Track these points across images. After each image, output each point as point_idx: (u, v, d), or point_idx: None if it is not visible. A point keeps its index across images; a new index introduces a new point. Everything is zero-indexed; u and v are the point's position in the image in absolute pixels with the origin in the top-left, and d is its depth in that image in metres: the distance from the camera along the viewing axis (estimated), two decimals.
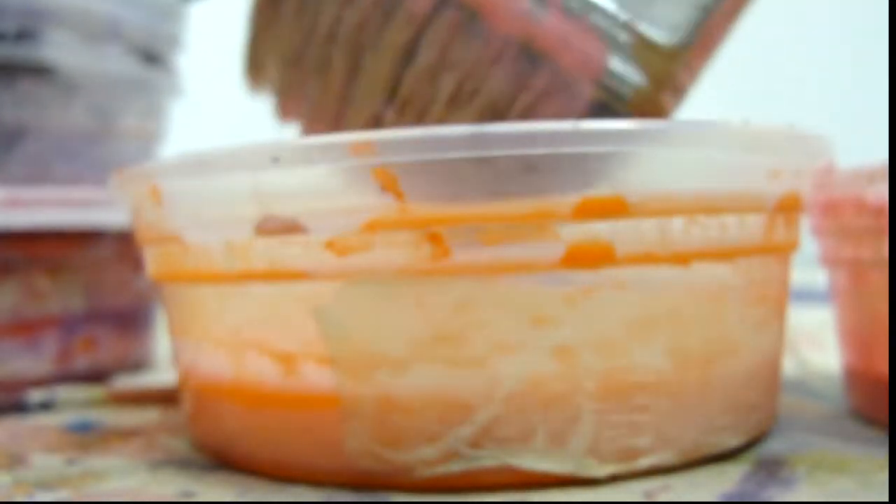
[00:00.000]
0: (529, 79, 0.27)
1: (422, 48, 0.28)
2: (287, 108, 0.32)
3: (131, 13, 0.40)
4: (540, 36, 0.26)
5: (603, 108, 0.27)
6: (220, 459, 0.26)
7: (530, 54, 0.27)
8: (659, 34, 0.27)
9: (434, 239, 0.22)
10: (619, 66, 0.26)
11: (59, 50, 0.37)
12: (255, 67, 0.32)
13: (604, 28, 0.26)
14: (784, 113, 0.32)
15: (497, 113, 0.28)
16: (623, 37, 0.26)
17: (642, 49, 0.26)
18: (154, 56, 0.42)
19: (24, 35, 0.37)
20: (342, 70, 0.29)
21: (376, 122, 0.29)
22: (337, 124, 0.30)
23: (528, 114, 0.27)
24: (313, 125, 0.31)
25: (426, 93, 0.28)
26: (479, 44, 0.27)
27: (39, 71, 0.37)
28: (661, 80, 0.27)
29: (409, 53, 0.28)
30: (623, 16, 0.26)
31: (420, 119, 0.28)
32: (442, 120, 0.28)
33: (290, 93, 0.31)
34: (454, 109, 0.28)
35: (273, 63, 0.31)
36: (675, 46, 0.27)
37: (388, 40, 0.28)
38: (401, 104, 0.28)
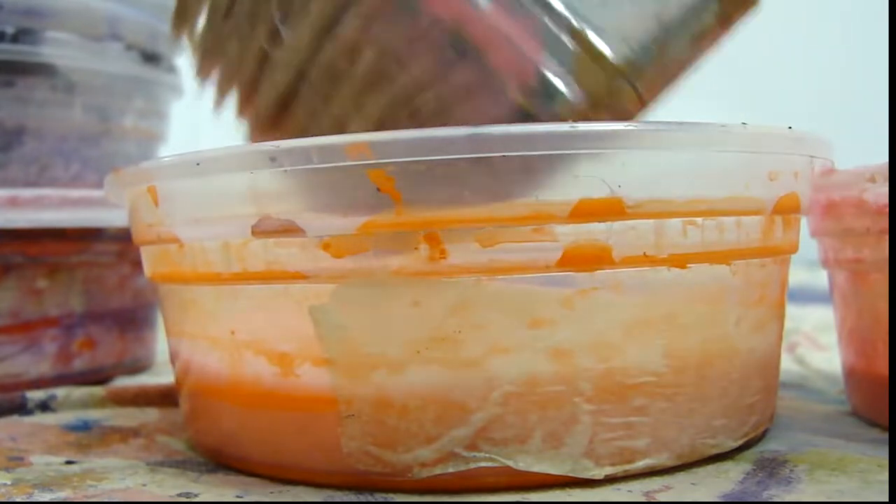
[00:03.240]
0: (452, 70, 0.24)
1: (347, 17, 0.25)
2: (206, 65, 0.29)
3: (131, 13, 0.40)
4: (472, 22, 0.23)
5: (526, 118, 0.24)
6: (218, 459, 0.26)
7: (458, 42, 0.24)
8: (607, 45, 0.23)
9: (431, 240, 0.22)
10: (553, 74, 0.23)
11: (59, 50, 0.38)
12: (184, 15, 0.29)
13: (546, 28, 0.23)
14: (783, 114, 0.32)
15: (409, 104, 0.25)
16: (566, 41, 0.23)
17: (585, 59, 0.23)
18: (154, 56, 0.42)
19: (24, 35, 0.37)
20: (265, 31, 0.27)
21: (288, 93, 0.27)
22: (250, 88, 0.28)
23: (442, 111, 0.24)
24: (225, 85, 0.29)
25: (343, 68, 0.25)
26: (406, 22, 0.24)
27: (39, 71, 0.37)
28: (599, 98, 0.24)
29: (334, 22, 0.25)
30: (571, 18, 0.23)
31: (328, 97, 0.26)
32: (352, 101, 0.25)
33: (212, 49, 0.29)
34: (367, 91, 0.25)
35: (201, 13, 0.28)
36: (624, 62, 0.24)
37: (314, 5, 0.25)
38: (316, 75, 0.26)
